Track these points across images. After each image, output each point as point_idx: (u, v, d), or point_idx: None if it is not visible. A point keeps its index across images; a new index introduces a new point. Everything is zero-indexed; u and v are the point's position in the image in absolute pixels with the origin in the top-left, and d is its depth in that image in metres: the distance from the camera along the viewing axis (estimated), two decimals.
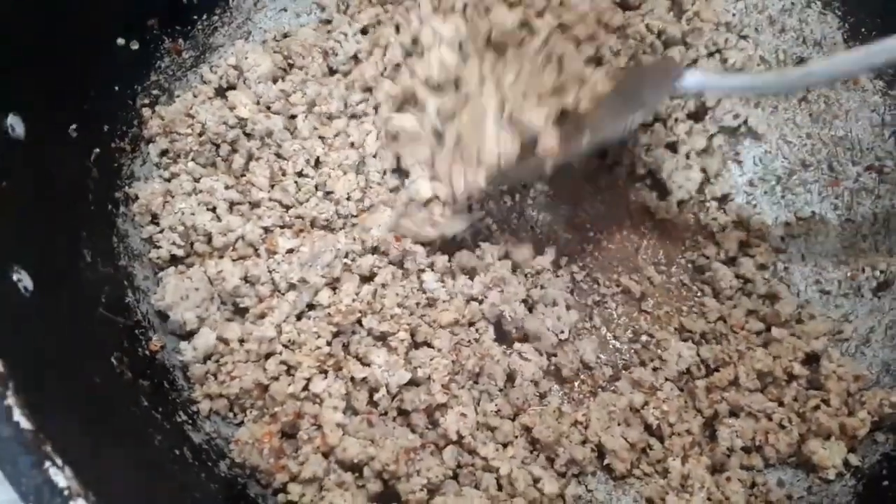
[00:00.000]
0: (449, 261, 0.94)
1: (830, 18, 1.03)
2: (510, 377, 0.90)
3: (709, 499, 0.81)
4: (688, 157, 1.03)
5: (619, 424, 0.87)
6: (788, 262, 0.98)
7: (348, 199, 0.95)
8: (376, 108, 1.00)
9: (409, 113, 0.97)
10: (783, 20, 1.06)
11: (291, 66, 1.02)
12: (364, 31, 1.04)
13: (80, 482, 0.56)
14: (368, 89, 1.01)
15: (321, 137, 0.99)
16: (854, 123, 1.01)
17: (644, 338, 0.96)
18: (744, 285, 0.97)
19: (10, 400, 0.57)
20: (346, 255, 0.91)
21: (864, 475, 0.83)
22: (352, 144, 0.98)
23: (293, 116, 0.99)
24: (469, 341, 0.91)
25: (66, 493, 0.55)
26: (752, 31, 1.07)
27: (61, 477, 0.55)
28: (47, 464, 0.55)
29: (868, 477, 0.82)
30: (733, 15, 1.07)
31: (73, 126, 0.85)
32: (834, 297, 0.96)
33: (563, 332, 0.93)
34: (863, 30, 1.00)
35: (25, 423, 0.56)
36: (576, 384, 0.94)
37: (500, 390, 0.90)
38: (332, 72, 1.03)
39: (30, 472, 0.55)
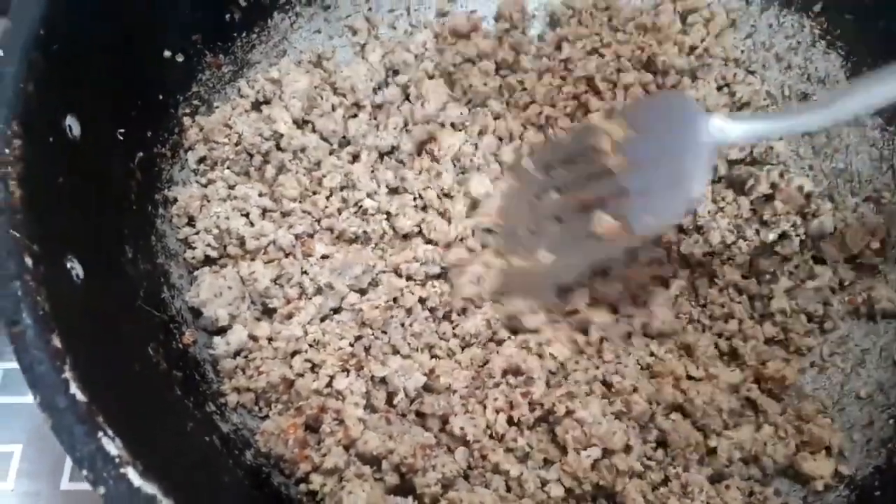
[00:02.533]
0: None
1: (834, 57, 1.09)
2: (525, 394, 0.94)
3: (708, 503, 0.85)
4: None
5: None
6: None
7: (380, 219, 1.00)
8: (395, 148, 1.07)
9: None
10: (789, 58, 1.12)
11: (327, 87, 1.08)
12: (396, 72, 1.11)
13: (130, 452, 0.60)
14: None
15: (354, 157, 1.05)
16: (854, 157, 1.06)
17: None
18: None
19: (68, 374, 0.61)
20: (374, 270, 0.97)
21: (857, 486, 0.87)
22: (373, 171, 1.04)
23: (325, 138, 1.05)
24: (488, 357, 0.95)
25: (117, 460, 0.59)
26: (760, 67, 1.13)
27: (112, 446, 0.60)
28: (100, 434, 0.60)
29: (861, 488, 0.86)
30: (741, 52, 1.14)
31: (121, 130, 0.90)
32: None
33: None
34: (864, 68, 1.06)
35: (80, 396, 0.61)
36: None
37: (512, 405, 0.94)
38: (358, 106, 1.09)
39: (84, 440, 0.59)
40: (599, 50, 1.10)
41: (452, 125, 1.08)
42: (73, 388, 0.61)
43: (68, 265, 0.72)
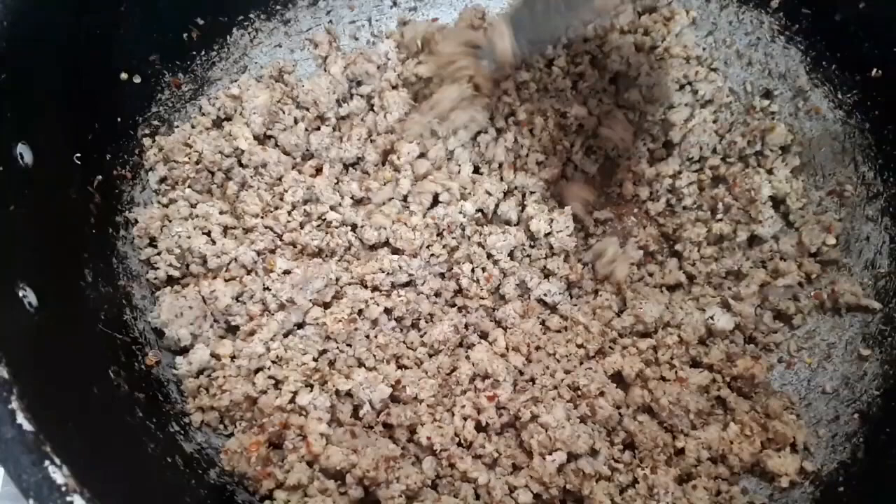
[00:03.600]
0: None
1: (793, 52, 1.09)
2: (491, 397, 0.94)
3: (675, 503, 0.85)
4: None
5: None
6: None
7: (345, 231, 1.01)
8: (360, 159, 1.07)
9: None
10: (750, 54, 1.12)
11: (289, 101, 1.08)
12: (359, 83, 1.11)
13: (77, 480, 0.60)
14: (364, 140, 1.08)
15: (317, 171, 1.05)
16: (817, 151, 1.07)
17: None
18: None
19: (14, 404, 0.62)
20: (337, 282, 0.97)
21: (822, 482, 0.87)
22: (337, 183, 1.05)
23: (287, 152, 1.05)
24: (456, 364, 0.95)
25: (63, 489, 0.59)
26: (722, 63, 1.14)
27: (59, 475, 0.60)
28: (46, 462, 0.60)
29: (826, 484, 0.87)
30: (703, 49, 1.14)
31: (78, 154, 0.90)
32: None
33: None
34: (823, 63, 1.06)
35: (27, 426, 0.61)
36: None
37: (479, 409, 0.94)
38: (322, 119, 1.09)
39: (30, 469, 0.60)
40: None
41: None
42: (20, 418, 0.61)
43: (20, 294, 0.72)
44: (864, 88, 1.02)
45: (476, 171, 1.07)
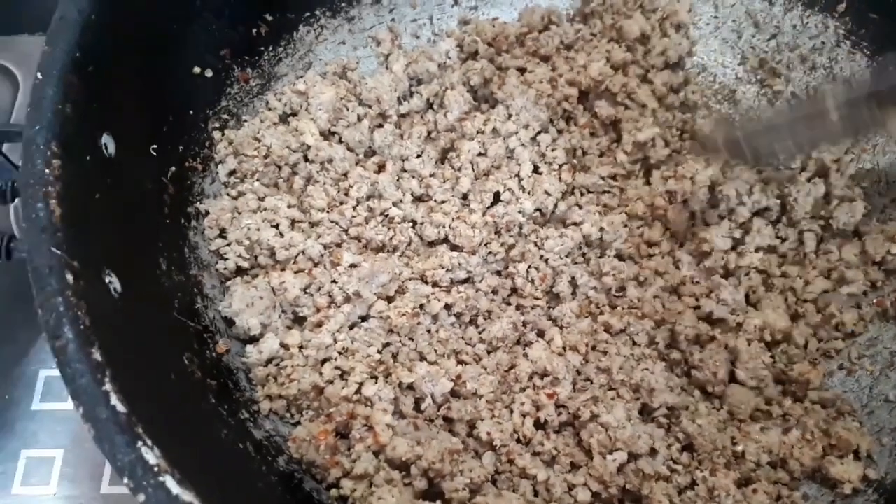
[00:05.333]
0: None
1: (859, 57, 1.09)
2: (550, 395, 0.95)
3: None
4: None
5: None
6: None
7: (406, 227, 1.02)
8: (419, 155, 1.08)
9: None
10: (814, 58, 1.12)
11: (352, 99, 1.10)
12: (420, 81, 1.12)
13: (167, 461, 0.62)
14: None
15: (380, 167, 1.07)
16: (881, 157, 1.06)
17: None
18: None
19: (108, 386, 0.63)
20: (400, 277, 0.98)
21: (885, 490, 0.87)
22: (399, 180, 1.06)
23: (351, 149, 1.07)
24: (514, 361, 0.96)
25: (155, 469, 0.61)
26: (784, 68, 1.13)
27: (151, 455, 0.61)
28: (139, 443, 0.62)
29: (890, 492, 0.86)
30: (765, 52, 1.14)
31: (154, 146, 0.93)
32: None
33: None
34: (891, 68, 1.05)
35: (121, 407, 0.63)
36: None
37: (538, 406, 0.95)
38: (384, 116, 1.10)
39: (125, 449, 0.61)
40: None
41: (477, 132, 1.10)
42: (114, 400, 0.63)
43: (107, 280, 0.75)
44: None
45: (535, 170, 1.08)
